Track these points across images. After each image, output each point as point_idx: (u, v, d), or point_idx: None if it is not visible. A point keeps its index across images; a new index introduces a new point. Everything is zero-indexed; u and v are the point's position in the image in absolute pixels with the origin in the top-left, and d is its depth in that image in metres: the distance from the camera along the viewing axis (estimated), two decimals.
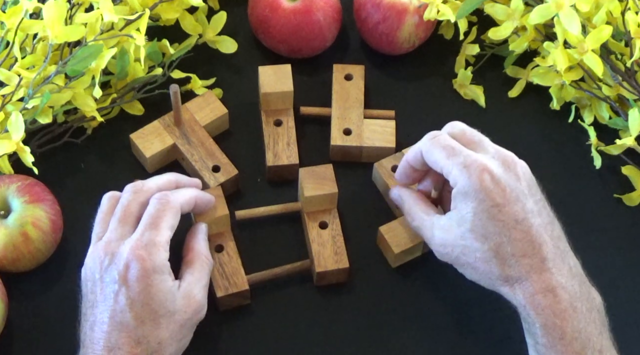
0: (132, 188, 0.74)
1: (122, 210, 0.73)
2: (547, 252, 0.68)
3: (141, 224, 0.71)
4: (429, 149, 0.73)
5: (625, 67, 0.85)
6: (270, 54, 0.92)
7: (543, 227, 0.69)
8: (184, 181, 0.78)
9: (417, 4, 0.88)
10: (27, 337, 0.78)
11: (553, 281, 0.68)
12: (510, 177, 0.70)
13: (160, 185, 0.75)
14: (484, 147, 0.73)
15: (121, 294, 0.68)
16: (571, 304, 0.67)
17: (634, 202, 0.85)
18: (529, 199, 0.70)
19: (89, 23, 0.81)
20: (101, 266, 0.70)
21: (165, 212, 0.72)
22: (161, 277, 0.69)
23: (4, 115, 0.79)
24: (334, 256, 0.80)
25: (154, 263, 0.69)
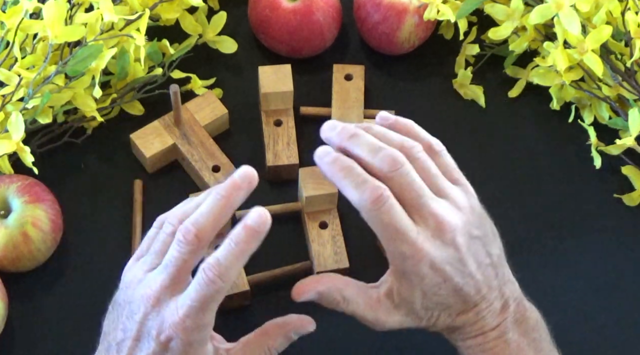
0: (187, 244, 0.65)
1: (176, 269, 0.65)
2: (482, 304, 0.69)
3: (186, 304, 0.64)
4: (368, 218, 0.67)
5: (625, 67, 0.85)
6: (270, 54, 0.92)
7: (480, 282, 0.68)
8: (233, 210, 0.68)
9: (417, 4, 0.88)
10: (27, 337, 0.78)
11: (485, 327, 0.69)
12: (450, 253, 0.67)
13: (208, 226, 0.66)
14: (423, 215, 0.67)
15: (154, 352, 0.65)
16: (501, 338, 0.69)
17: (634, 202, 0.85)
18: (467, 264, 0.68)
19: (89, 23, 0.81)
20: (145, 314, 0.66)
21: (213, 297, 0.64)
22: (199, 351, 0.66)
23: (4, 115, 0.79)
24: (334, 256, 0.80)
25: (194, 341, 0.65)
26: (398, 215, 0.66)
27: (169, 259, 0.66)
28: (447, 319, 0.70)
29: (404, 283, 0.69)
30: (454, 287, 0.68)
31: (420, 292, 0.68)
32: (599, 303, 0.81)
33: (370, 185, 0.66)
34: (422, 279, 0.67)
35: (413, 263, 0.67)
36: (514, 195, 0.86)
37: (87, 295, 0.79)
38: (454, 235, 0.67)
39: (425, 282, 0.68)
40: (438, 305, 0.69)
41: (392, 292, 0.70)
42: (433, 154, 0.70)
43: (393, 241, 0.67)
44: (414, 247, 0.66)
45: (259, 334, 0.70)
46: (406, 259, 0.67)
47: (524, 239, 0.84)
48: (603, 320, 0.81)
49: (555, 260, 0.82)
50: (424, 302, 0.69)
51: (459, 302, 0.69)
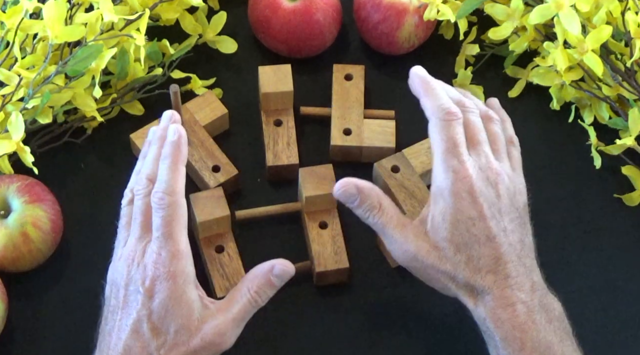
0: (142, 188, 0.72)
1: (141, 215, 0.72)
2: (511, 270, 0.70)
3: (154, 238, 0.70)
4: (436, 126, 0.72)
5: (625, 67, 0.85)
6: (270, 54, 0.92)
7: (512, 246, 0.70)
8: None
9: (417, 4, 0.88)
10: (27, 337, 0.78)
11: (514, 297, 0.69)
12: (490, 193, 0.71)
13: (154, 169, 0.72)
14: (478, 152, 0.72)
15: (142, 304, 0.68)
16: (530, 317, 0.69)
17: (634, 202, 0.85)
18: (504, 217, 0.71)
19: (89, 23, 0.81)
20: (127, 275, 0.69)
21: (172, 217, 0.70)
22: (183, 287, 0.68)
23: (4, 115, 0.79)
24: (334, 256, 0.80)
25: (176, 273, 0.68)
26: (461, 134, 0.72)
27: (135, 212, 0.72)
28: (473, 273, 0.70)
29: (439, 204, 0.70)
30: (487, 231, 0.69)
31: (453, 219, 0.69)
32: (599, 303, 0.81)
33: (450, 102, 0.73)
34: (459, 201, 0.69)
35: (455, 178, 0.70)
36: None
37: (87, 295, 0.79)
38: (497, 181, 0.71)
39: (460, 207, 0.69)
40: (467, 248, 0.69)
41: (426, 219, 0.71)
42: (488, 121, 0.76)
43: (448, 153, 0.71)
44: (463, 165, 0.70)
45: (239, 283, 0.73)
46: (453, 172, 0.70)
47: None
48: (603, 320, 0.81)
49: (555, 260, 0.82)
50: (455, 235, 0.69)
51: (490, 255, 0.69)
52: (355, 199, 0.73)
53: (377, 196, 0.73)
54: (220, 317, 0.70)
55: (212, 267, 0.79)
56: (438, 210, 0.71)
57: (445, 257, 0.70)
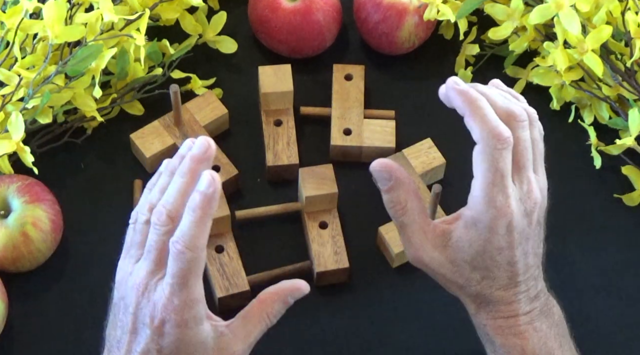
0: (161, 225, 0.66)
1: (157, 251, 0.66)
2: (521, 286, 0.69)
3: (167, 283, 0.65)
4: (481, 154, 0.67)
5: (625, 67, 0.85)
6: (270, 54, 0.92)
7: (529, 266, 0.70)
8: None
9: (417, 4, 0.88)
10: (27, 337, 0.78)
11: (518, 310, 0.69)
12: (524, 223, 0.69)
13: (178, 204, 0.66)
14: (521, 178, 0.69)
15: (151, 339, 0.66)
16: (531, 325, 0.69)
17: (634, 202, 0.85)
18: (529, 242, 0.69)
19: (89, 23, 0.81)
20: (137, 303, 0.66)
21: (189, 270, 0.65)
22: (195, 330, 0.66)
23: (4, 115, 0.79)
24: (334, 256, 0.80)
25: (188, 320, 0.66)
26: (509, 162, 0.67)
27: (149, 244, 0.67)
28: (485, 288, 0.69)
29: (471, 232, 0.69)
30: (510, 258, 0.68)
31: (480, 248, 0.68)
32: (599, 303, 0.81)
33: (500, 125, 0.66)
34: (492, 235, 0.68)
35: (496, 215, 0.67)
36: None
37: (87, 295, 0.79)
38: (534, 209, 0.69)
39: (492, 240, 0.68)
40: (485, 270, 0.69)
41: (450, 234, 0.70)
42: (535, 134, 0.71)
43: (493, 186, 0.67)
44: (507, 201, 0.67)
45: (256, 304, 0.71)
46: (494, 208, 0.67)
47: None
48: (603, 320, 0.81)
49: (555, 260, 0.82)
50: (476, 260, 0.69)
51: (506, 276, 0.69)
52: (385, 184, 0.71)
53: (406, 193, 0.70)
54: (237, 343, 0.69)
55: (212, 267, 0.79)
56: (467, 236, 0.69)
57: (458, 272, 0.70)
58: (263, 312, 0.70)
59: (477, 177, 0.68)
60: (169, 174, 0.68)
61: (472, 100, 0.67)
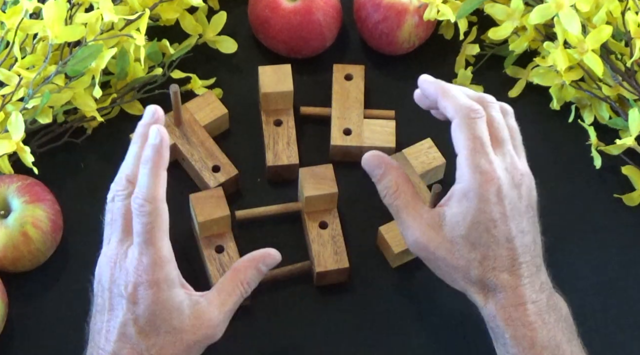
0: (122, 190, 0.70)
1: (122, 218, 0.70)
2: (525, 270, 0.69)
3: (135, 243, 0.68)
4: (460, 125, 0.70)
5: (625, 67, 0.85)
6: (270, 54, 0.92)
7: (527, 247, 0.70)
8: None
9: (417, 4, 0.88)
10: (27, 337, 0.78)
11: (525, 297, 0.69)
12: (514, 195, 0.70)
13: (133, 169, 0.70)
14: (503, 151, 0.71)
15: (127, 309, 0.67)
16: (540, 316, 0.69)
17: (634, 202, 0.85)
18: (523, 218, 0.70)
19: (89, 23, 0.81)
20: (111, 277, 0.68)
21: (152, 224, 0.67)
22: (169, 292, 0.68)
23: (4, 115, 0.79)
24: (334, 256, 0.80)
25: (159, 279, 0.67)
26: (487, 132, 0.70)
27: (114, 214, 0.70)
28: (487, 271, 0.69)
29: (463, 205, 0.69)
30: (507, 234, 0.69)
31: (474, 219, 0.69)
32: (599, 303, 0.81)
33: (472, 101, 0.71)
34: (484, 203, 0.68)
35: (484, 180, 0.68)
36: None
37: (87, 295, 0.79)
38: (522, 182, 0.70)
39: (484, 209, 0.68)
40: (484, 247, 0.69)
41: (444, 212, 0.70)
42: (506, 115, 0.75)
43: (475, 153, 0.69)
44: (491, 165, 0.69)
45: (229, 274, 0.72)
46: (479, 173, 0.69)
47: None
48: (603, 320, 0.81)
49: (555, 260, 0.82)
50: (472, 235, 0.69)
51: (506, 255, 0.69)
52: (377, 172, 0.73)
53: (397, 177, 0.73)
54: (213, 311, 0.70)
55: (212, 267, 0.79)
56: (460, 209, 0.69)
57: (458, 252, 0.70)
58: (237, 280, 0.72)
59: (459, 150, 0.70)
60: (141, 143, 0.71)
61: (443, 85, 0.73)
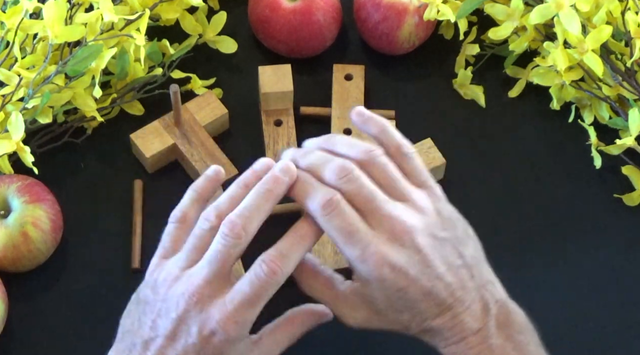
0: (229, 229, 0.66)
1: (220, 262, 0.66)
2: (457, 305, 0.67)
3: (238, 293, 0.65)
4: (322, 224, 0.67)
5: (625, 67, 0.85)
6: (270, 54, 0.92)
7: (452, 283, 0.67)
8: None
9: (417, 4, 0.88)
10: (27, 337, 0.78)
11: (464, 332, 0.67)
12: (409, 254, 0.67)
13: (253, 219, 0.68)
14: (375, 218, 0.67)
15: (194, 348, 0.65)
16: (485, 343, 0.67)
17: (634, 202, 0.85)
18: (432, 265, 0.67)
19: (89, 23, 0.81)
20: (185, 310, 0.65)
21: (267, 289, 0.65)
22: (237, 345, 0.67)
23: (4, 115, 0.79)
24: (334, 256, 0.80)
25: (238, 336, 0.66)
26: (350, 218, 0.66)
27: (213, 253, 0.66)
28: (421, 323, 0.68)
29: (367, 286, 0.68)
30: (422, 290, 0.66)
31: (383, 296, 0.67)
32: (599, 303, 0.81)
33: (321, 191, 0.67)
34: (382, 282, 0.66)
35: (370, 267, 0.66)
36: (514, 195, 0.86)
37: (87, 295, 0.79)
38: (413, 237, 0.67)
39: (386, 286, 0.66)
40: (407, 309, 0.67)
41: (357, 291, 0.69)
42: (400, 156, 0.70)
43: (347, 245, 0.66)
44: (368, 250, 0.66)
45: (283, 323, 0.71)
46: (362, 262, 0.66)
47: (524, 238, 0.84)
48: (603, 320, 0.81)
49: (555, 260, 0.82)
50: (390, 305, 0.68)
51: (432, 305, 0.67)
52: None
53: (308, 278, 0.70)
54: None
55: None
56: (367, 290, 0.68)
57: (388, 320, 0.69)
58: (290, 332, 0.71)
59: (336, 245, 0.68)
60: (243, 186, 0.69)
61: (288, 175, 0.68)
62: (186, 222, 0.70)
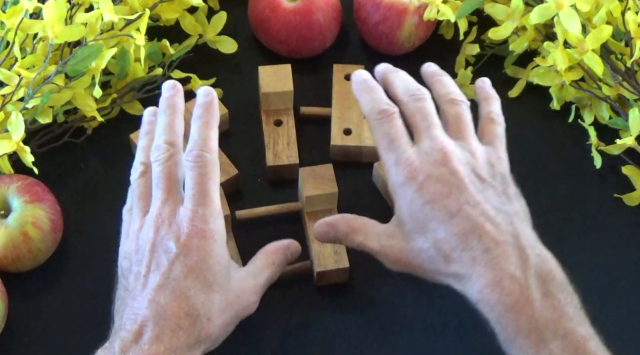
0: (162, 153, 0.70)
1: (165, 179, 0.69)
2: (489, 243, 0.65)
3: (189, 196, 0.68)
4: (372, 127, 0.72)
5: (625, 67, 0.85)
6: (270, 54, 0.92)
7: (484, 216, 0.66)
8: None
9: (417, 4, 0.88)
10: (27, 337, 0.78)
11: (500, 273, 0.64)
12: (442, 172, 0.68)
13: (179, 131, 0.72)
14: (422, 137, 0.71)
15: (178, 261, 0.66)
16: (523, 295, 0.64)
17: (634, 202, 0.85)
18: (465, 191, 0.67)
19: (89, 23, 0.81)
20: (155, 236, 0.67)
21: (208, 175, 0.68)
22: (221, 248, 0.68)
23: (4, 115, 0.79)
24: (334, 256, 0.80)
25: (212, 231, 0.67)
26: (398, 128, 0.71)
27: (156, 177, 0.70)
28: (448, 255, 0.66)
29: (397, 201, 0.70)
30: (447, 210, 0.67)
31: (410, 210, 0.68)
32: (599, 303, 0.81)
33: (383, 101, 0.72)
34: (409, 191, 0.68)
35: (399, 171, 0.69)
36: None
37: (87, 296, 0.79)
38: (451, 159, 0.69)
39: (412, 197, 0.68)
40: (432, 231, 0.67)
41: (393, 220, 0.71)
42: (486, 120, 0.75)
43: (387, 150, 0.71)
44: (402, 155, 0.70)
45: (260, 254, 0.73)
46: (396, 165, 0.69)
47: None
48: (603, 320, 0.80)
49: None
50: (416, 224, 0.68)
51: (457, 233, 0.66)
52: (331, 236, 0.74)
53: (346, 223, 0.73)
54: (251, 281, 0.70)
55: None
56: (397, 207, 0.70)
57: (415, 246, 0.69)
58: (268, 261, 0.73)
59: (378, 150, 0.72)
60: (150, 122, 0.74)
61: (364, 82, 0.74)
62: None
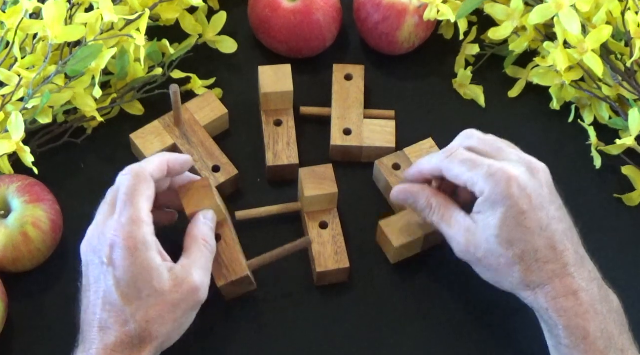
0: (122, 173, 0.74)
1: (110, 193, 0.73)
2: (569, 258, 0.70)
3: (117, 203, 0.71)
4: (448, 167, 0.73)
5: (625, 67, 0.85)
6: (270, 54, 0.92)
7: (564, 234, 0.71)
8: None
9: (417, 4, 0.88)
10: (27, 337, 0.78)
11: (575, 285, 0.69)
12: (535, 183, 0.71)
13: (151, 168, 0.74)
14: (505, 155, 0.73)
15: (108, 274, 0.68)
16: (592, 306, 0.69)
17: (634, 202, 0.85)
18: (551, 206, 0.71)
19: (89, 23, 0.81)
20: (91, 249, 0.71)
21: (137, 185, 0.71)
22: (146, 254, 0.69)
23: (4, 115, 0.79)
24: (334, 256, 0.80)
25: (136, 240, 0.68)
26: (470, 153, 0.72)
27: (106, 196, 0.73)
28: (531, 265, 0.69)
29: (490, 207, 0.70)
30: (540, 223, 0.69)
31: (503, 217, 0.69)
32: None
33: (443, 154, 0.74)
34: (508, 198, 0.69)
35: (498, 180, 0.69)
36: None
37: None
38: (543, 173, 0.71)
39: (510, 204, 0.69)
40: (521, 242, 0.69)
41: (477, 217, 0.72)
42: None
43: (473, 169, 0.71)
44: (494, 165, 0.70)
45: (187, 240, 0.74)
46: (490, 176, 0.70)
47: None
48: None
49: None
50: (504, 232, 0.69)
51: (546, 246, 0.69)
52: (410, 202, 0.76)
53: (427, 197, 0.75)
54: (190, 271, 0.71)
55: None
56: (489, 211, 0.70)
57: (496, 251, 0.70)
58: (195, 240, 0.73)
59: (463, 179, 0.72)
60: None
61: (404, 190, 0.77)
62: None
